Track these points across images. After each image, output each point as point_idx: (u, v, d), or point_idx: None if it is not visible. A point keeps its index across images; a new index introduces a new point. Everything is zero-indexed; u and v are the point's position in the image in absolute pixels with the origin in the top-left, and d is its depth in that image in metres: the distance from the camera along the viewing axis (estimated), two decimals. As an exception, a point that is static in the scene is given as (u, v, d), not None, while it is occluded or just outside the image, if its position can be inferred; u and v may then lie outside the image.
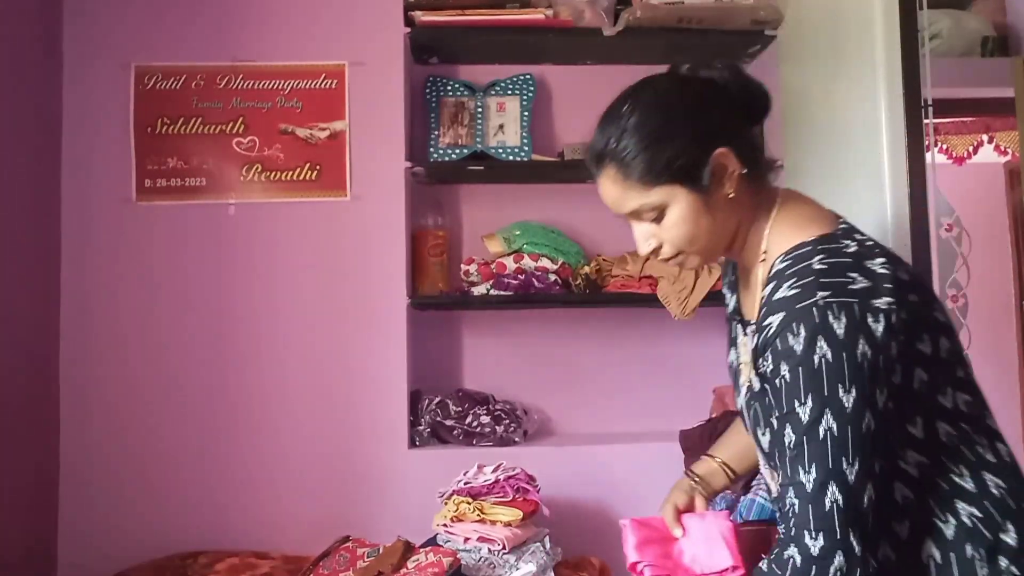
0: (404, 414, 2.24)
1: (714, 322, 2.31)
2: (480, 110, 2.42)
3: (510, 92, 2.45)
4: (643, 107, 1.08)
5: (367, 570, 1.77)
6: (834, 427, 0.95)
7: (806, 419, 0.96)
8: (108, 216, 2.24)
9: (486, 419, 2.25)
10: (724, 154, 1.06)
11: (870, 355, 0.95)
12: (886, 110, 1.72)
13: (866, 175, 1.78)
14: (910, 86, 1.70)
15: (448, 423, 2.26)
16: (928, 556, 1.01)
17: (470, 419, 2.26)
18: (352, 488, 2.22)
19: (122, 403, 2.20)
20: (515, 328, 2.47)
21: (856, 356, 0.95)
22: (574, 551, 2.10)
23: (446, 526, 1.91)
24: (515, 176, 2.49)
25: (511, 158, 2.37)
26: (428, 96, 2.44)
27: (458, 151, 2.37)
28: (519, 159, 2.37)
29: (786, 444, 0.98)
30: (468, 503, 1.91)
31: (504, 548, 1.85)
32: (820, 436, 0.95)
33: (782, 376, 0.98)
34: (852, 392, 0.95)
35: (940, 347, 1.02)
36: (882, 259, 1.02)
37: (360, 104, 2.30)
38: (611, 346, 2.47)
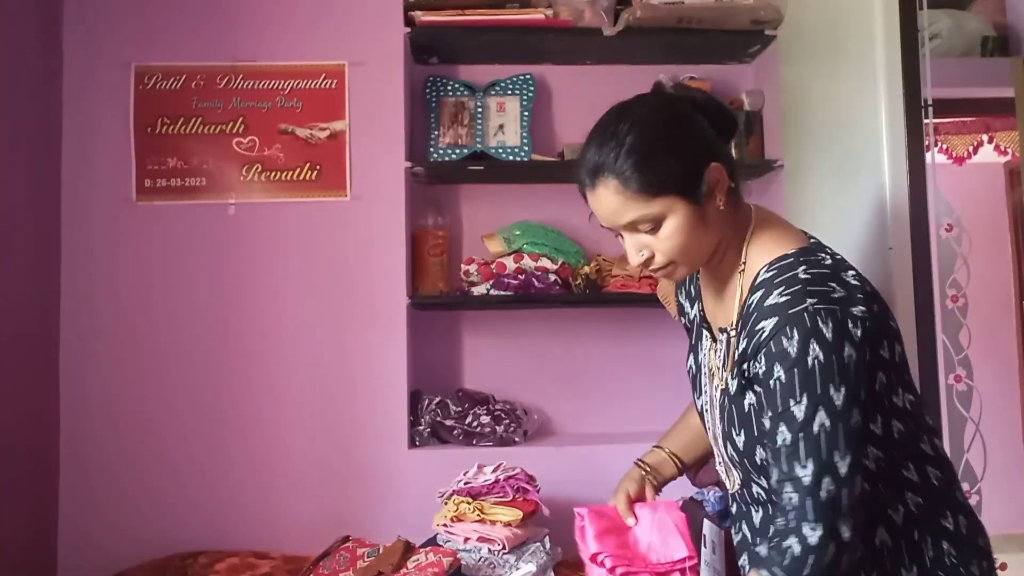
0: (404, 414, 2.24)
1: (714, 322, 2.31)
2: (480, 110, 2.42)
3: (510, 92, 2.45)
4: (642, 122, 1.12)
5: (367, 570, 1.77)
6: (827, 424, 1.01)
7: (801, 417, 1.02)
8: (108, 216, 2.24)
9: (486, 419, 2.25)
10: (718, 168, 1.12)
11: (854, 357, 1.03)
12: (886, 110, 1.72)
13: (866, 175, 1.78)
14: (910, 86, 1.70)
15: (448, 423, 2.26)
16: (881, 542, 1.11)
17: (470, 419, 2.26)
18: (352, 488, 2.22)
19: (122, 403, 2.20)
20: (515, 328, 2.47)
21: (844, 358, 1.02)
22: (574, 551, 2.09)
23: (446, 526, 1.91)
24: (515, 176, 2.49)
25: (511, 158, 2.37)
26: (428, 96, 2.44)
27: (458, 151, 2.37)
28: (519, 159, 2.37)
29: (780, 442, 1.04)
30: (468, 503, 1.91)
31: (504, 548, 1.85)
32: (814, 432, 1.01)
33: (776, 377, 1.04)
34: (842, 391, 1.02)
35: (895, 352, 1.12)
36: (852, 272, 1.11)
37: (360, 104, 2.30)
38: (611, 346, 2.47)
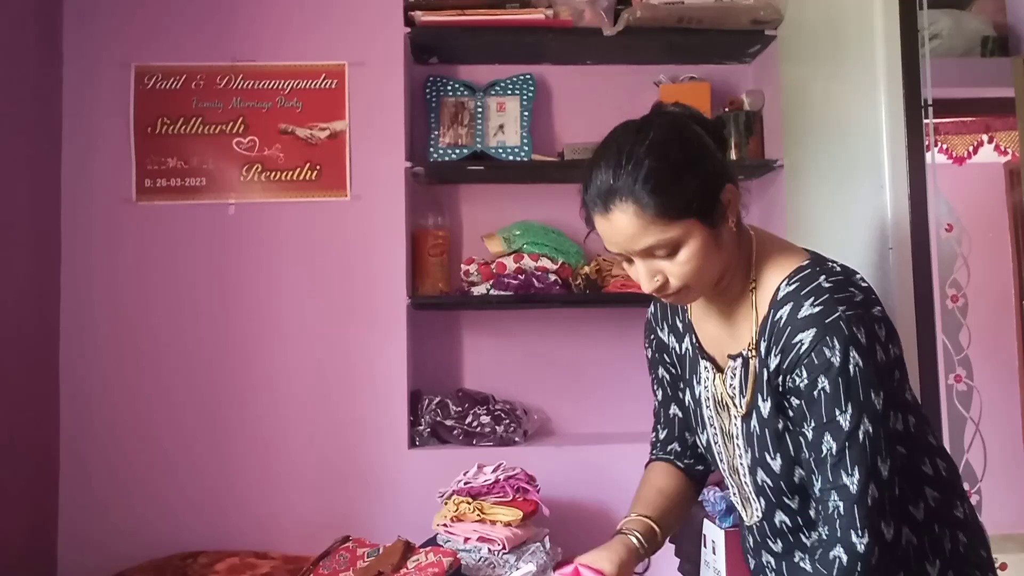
0: (404, 414, 2.24)
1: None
2: (480, 110, 2.42)
3: (510, 92, 2.45)
4: (658, 144, 1.07)
5: (367, 570, 1.77)
6: (870, 430, 1.02)
7: (847, 426, 1.02)
8: (108, 216, 2.24)
9: (486, 419, 2.25)
10: (732, 190, 1.11)
11: (884, 359, 1.04)
12: (886, 110, 1.72)
13: (866, 175, 1.78)
14: (910, 86, 1.70)
15: (448, 423, 2.26)
16: (907, 541, 1.11)
17: (470, 419, 2.26)
18: (352, 488, 2.22)
19: (122, 403, 2.20)
20: (515, 328, 2.48)
21: (878, 361, 1.03)
22: (574, 551, 2.09)
23: (446, 526, 1.91)
24: (515, 176, 2.49)
25: (511, 158, 2.37)
26: (428, 96, 2.44)
27: (458, 151, 2.37)
28: (519, 159, 2.37)
29: (825, 451, 1.04)
30: (468, 503, 1.91)
31: (504, 548, 1.85)
32: (860, 440, 1.02)
33: (821, 388, 1.03)
34: (880, 395, 1.03)
35: (901, 350, 1.12)
36: (858, 275, 1.12)
37: (360, 104, 2.30)
38: (611, 346, 2.47)
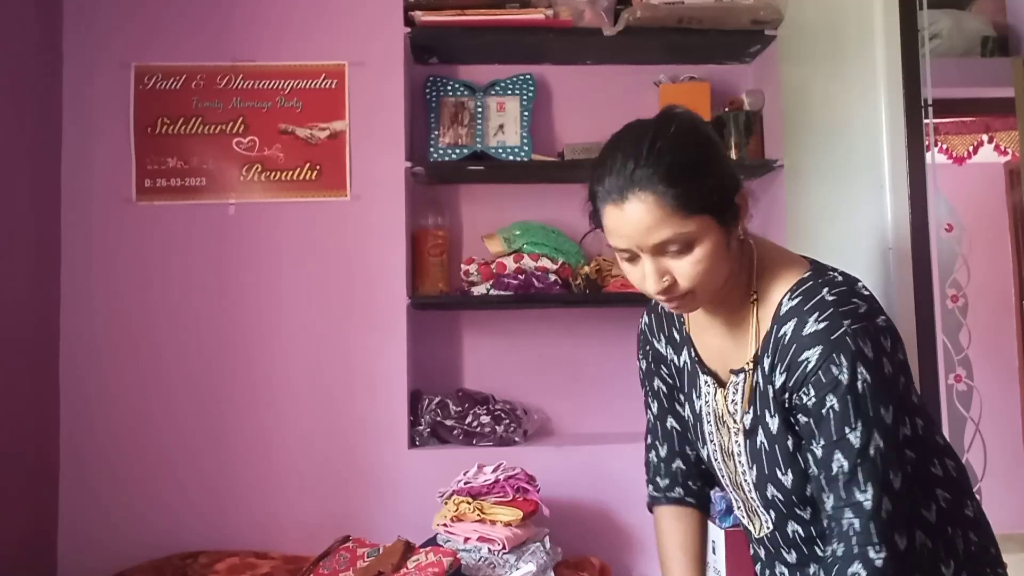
0: (404, 414, 2.24)
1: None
2: (480, 110, 2.42)
3: (510, 92, 2.45)
4: (678, 137, 1.05)
5: (367, 570, 1.77)
6: (881, 445, 1.01)
7: (858, 444, 1.01)
8: (108, 216, 2.24)
9: (486, 419, 2.25)
10: (743, 193, 1.08)
11: (891, 370, 1.03)
12: (886, 110, 1.72)
13: (866, 175, 1.78)
14: (910, 86, 1.70)
15: (448, 423, 2.26)
16: (920, 544, 1.09)
17: (470, 419, 2.26)
18: (352, 488, 2.22)
19: (122, 403, 2.20)
20: (515, 328, 2.48)
21: (885, 374, 1.02)
22: (574, 551, 2.10)
23: (446, 526, 1.91)
24: (515, 176, 2.49)
25: (511, 158, 2.37)
26: (428, 96, 2.44)
27: (458, 151, 2.37)
28: (519, 159, 2.37)
29: (836, 469, 1.02)
30: (468, 503, 1.91)
31: (504, 548, 1.85)
32: (871, 456, 1.00)
33: (830, 407, 1.02)
34: (890, 409, 1.02)
35: (905, 354, 1.10)
36: (860, 283, 1.09)
37: (360, 104, 2.30)
38: (611, 346, 2.47)
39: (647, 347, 1.32)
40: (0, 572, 1.89)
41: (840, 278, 1.08)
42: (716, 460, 1.21)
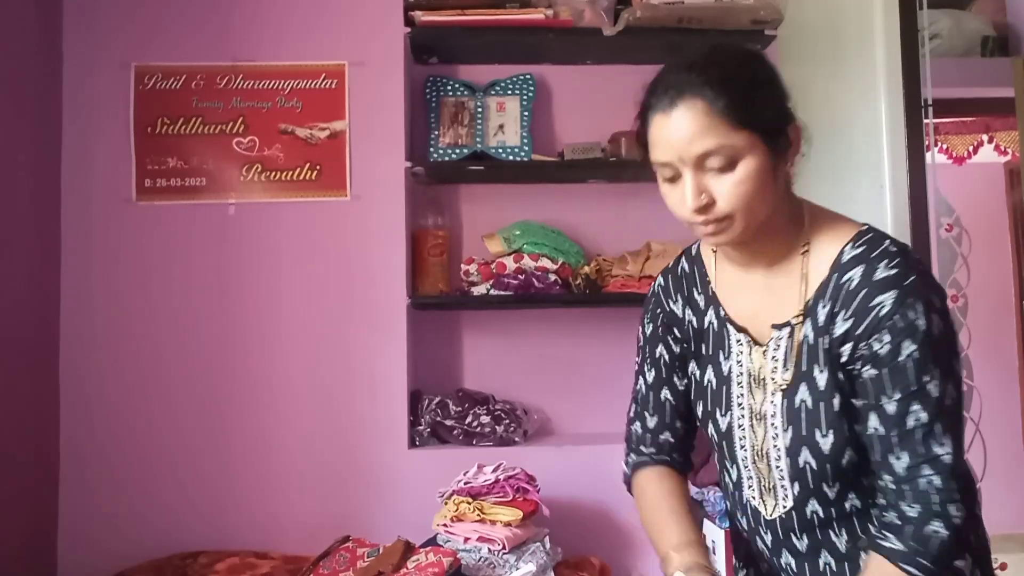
0: (404, 414, 2.24)
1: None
2: (480, 110, 2.42)
3: (510, 92, 2.45)
4: (738, 57, 1.04)
5: (367, 570, 1.77)
6: (955, 395, 0.99)
7: (936, 393, 0.97)
8: (108, 216, 2.24)
9: (486, 419, 2.25)
10: (798, 128, 1.06)
11: (950, 323, 1.02)
12: (886, 110, 1.72)
13: (866, 175, 1.78)
14: (910, 86, 1.70)
15: (448, 423, 2.26)
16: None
17: (470, 419, 2.26)
18: (352, 488, 2.22)
19: (122, 403, 2.20)
20: (515, 328, 2.47)
21: (951, 326, 1.01)
22: (574, 551, 2.10)
23: (446, 526, 1.91)
24: (515, 176, 2.49)
25: (511, 158, 2.37)
26: (428, 96, 2.44)
27: (458, 151, 2.37)
28: (519, 159, 2.37)
29: (913, 423, 0.97)
30: (468, 503, 1.91)
31: (504, 548, 1.85)
32: (948, 406, 0.98)
33: (909, 354, 0.97)
34: (959, 360, 1.01)
35: None
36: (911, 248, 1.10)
37: (360, 104, 2.30)
38: (611, 346, 2.47)
39: (658, 310, 1.25)
40: (0, 572, 1.89)
41: (893, 238, 1.07)
42: (740, 427, 1.13)
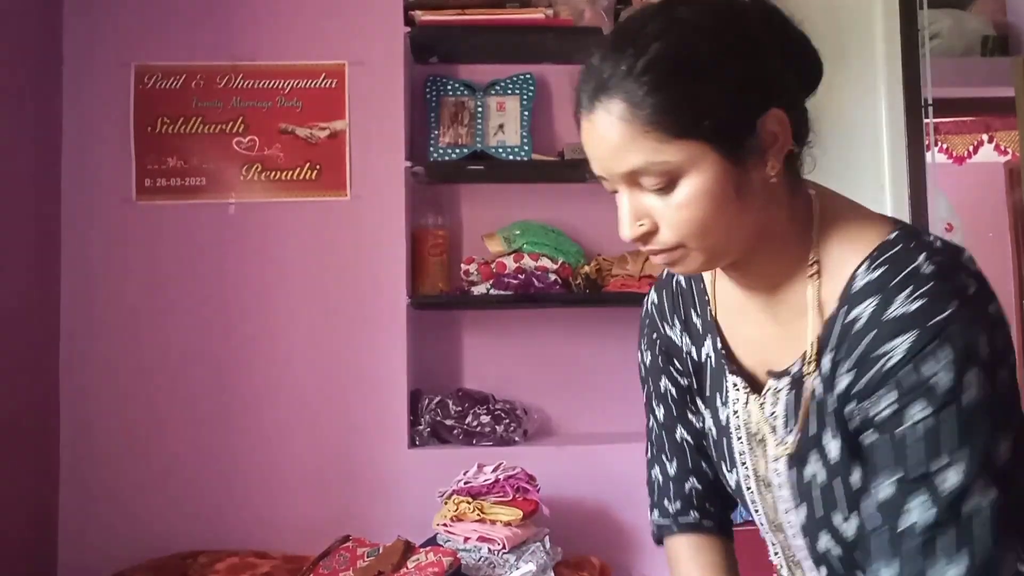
0: (404, 414, 2.24)
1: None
2: (480, 110, 2.42)
3: (510, 92, 2.45)
4: (682, 27, 0.73)
5: (367, 570, 1.77)
6: (992, 495, 0.66)
7: (954, 485, 0.67)
8: (108, 216, 2.24)
9: (486, 419, 2.25)
10: (779, 118, 0.74)
11: (1008, 381, 0.70)
12: (886, 110, 1.72)
13: (866, 175, 1.78)
14: (910, 86, 1.71)
15: (448, 423, 2.26)
16: None
17: (470, 419, 2.26)
18: (352, 488, 2.22)
19: (122, 403, 2.20)
20: (515, 328, 2.47)
21: (1003, 385, 0.69)
22: (574, 551, 2.10)
23: (446, 526, 1.91)
24: (515, 176, 2.49)
25: (511, 158, 2.37)
26: (428, 96, 2.44)
27: (458, 151, 2.37)
28: (519, 159, 2.37)
29: (908, 523, 0.68)
30: (468, 503, 1.91)
31: (504, 548, 1.85)
32: (976, 508, 0.66)
33: (915, 422, 0.68)
34: (1008, 439, 0.68)
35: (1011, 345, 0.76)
36: (966, 254, 0.75)
37: (360, 104, 2.30)
38: (611, 346, 2.47)
39: (654, 335, 0.99)
40: (0, 572, 1.89)
41: (940, 244, 0.74)
42: (749, 490, 0.88)
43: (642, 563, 2.21)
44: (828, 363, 0.76)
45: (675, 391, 0.98)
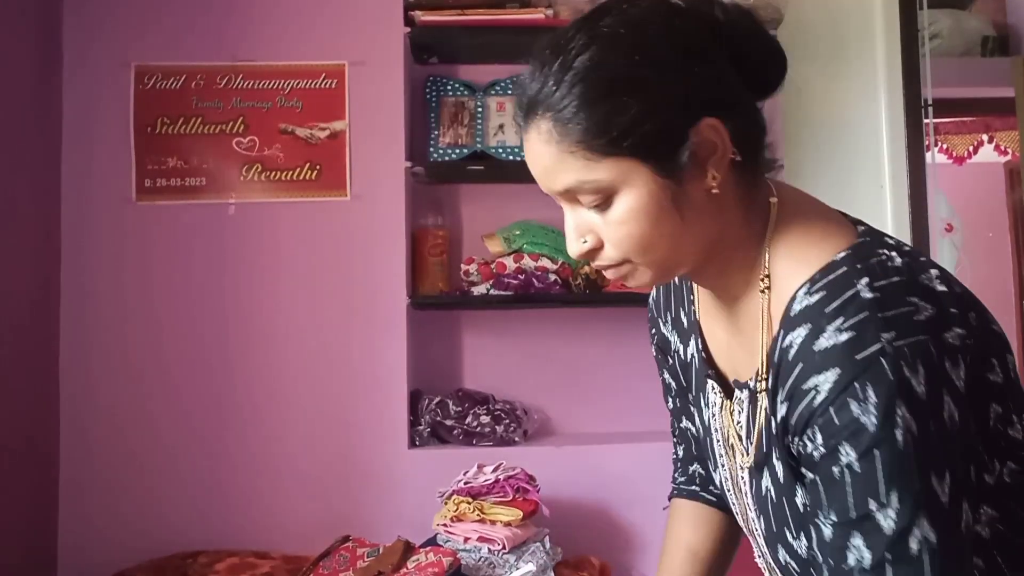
0: (404, 414, 2.24)
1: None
2: (480, 110, 2.42)
3: (510, 92, 2.44)
4: (604, 40, 0.71)
5: (367, 570, 1.77)
6: (932, 537, 0.64)
7: (892, 528, 0.65)
8: (108, 216, 2.24)
9: (486, 419, 2.25)
10: (713, 127, 0.71)
11: (957, 416, 0.66)
12: (886, 110, 1.72)
13: (866, 175, 1.78)
14: (910, 86, 1.70)
15: (448, 423, 2.26)
16: None
17: (470, 419, 2.26)
18: (352, 488, 2.22)
19: (122, 403, 2.20)
20: (515, 328, 2.47)
21: (945, 423, 0.65)
22: (574, 551, 2.10)
23: (446, 526, 1.91)
24: (515, 176, 2.48)
25: (511, 158, 2.37)
26: (428, 96, 2.44)
27: (458, 151, 2.37)
28: (519, 159, 2.37)
29: (853, 562, 0.66)
30: (468, 503, 1.91)
31: (504, 548, 1.85)
32: (913, 552, 0.64)
33: (845, 465, 0.66)
34: (947, 477, 0.65)
35: (1008, 368, 0.73)
36: (935, 271, 0.72)
37: (360, 104, 2.30)
38: (611, 346, 2.47)
39: (653, 330, 1.01)
40: (0, 572, 1.89)
41: (898, 261, 0.71)
42: (728, 491, 0.90)
43: (642, 563, 2.21)
44: (771, 385, 0.74)
45: (674, 386, 1.01)
